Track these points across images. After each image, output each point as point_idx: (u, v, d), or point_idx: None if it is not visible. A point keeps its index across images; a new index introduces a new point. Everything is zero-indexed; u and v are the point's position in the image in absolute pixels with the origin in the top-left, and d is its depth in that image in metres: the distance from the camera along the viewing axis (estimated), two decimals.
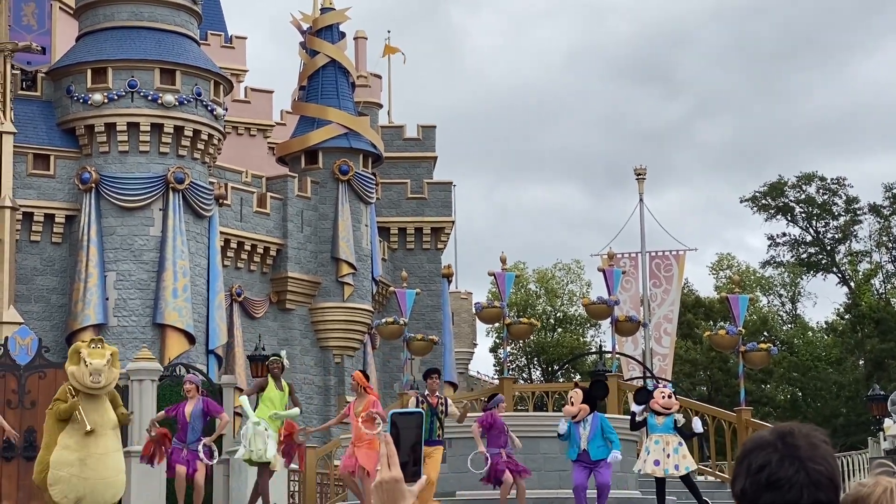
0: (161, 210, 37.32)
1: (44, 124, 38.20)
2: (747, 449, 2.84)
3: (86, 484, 12.38)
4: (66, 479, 12.34)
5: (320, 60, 44.33)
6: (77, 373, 12.49)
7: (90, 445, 12.49)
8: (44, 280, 37.47)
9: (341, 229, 42.70)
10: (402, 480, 2.82)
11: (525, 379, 69.00)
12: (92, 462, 12.49)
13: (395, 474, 2.80)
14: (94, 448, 12.53)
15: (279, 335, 42.02)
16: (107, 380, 12.65)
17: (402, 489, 2.80)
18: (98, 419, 12.64)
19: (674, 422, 17.44)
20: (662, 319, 38.94)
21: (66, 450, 12.45)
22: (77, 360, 12.61)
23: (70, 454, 12.43)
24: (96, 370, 12.47)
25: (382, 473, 2.81)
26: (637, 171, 39.99)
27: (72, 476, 12.35)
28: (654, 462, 17.47)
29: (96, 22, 38.63)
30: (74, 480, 12.33)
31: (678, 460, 17.27)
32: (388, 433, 2.89)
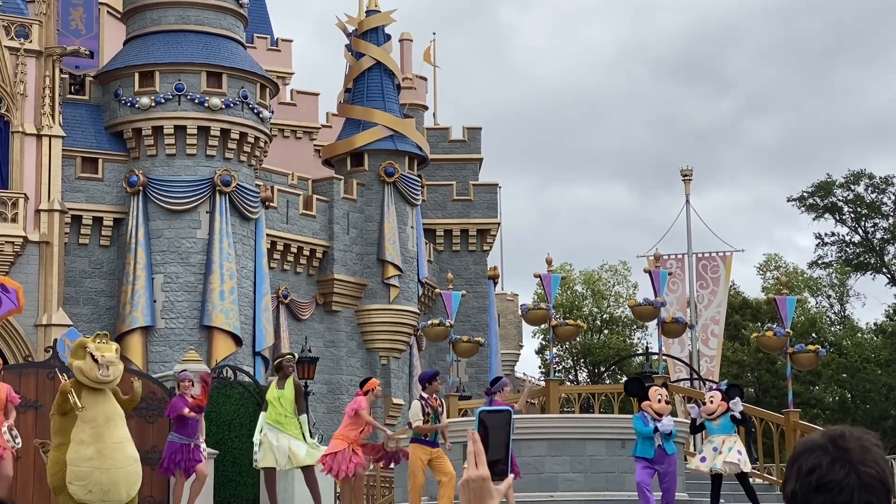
0: (208, 213, 37.53)
1: (92, 128, 38.52)
2: (798, 452, 2.82)
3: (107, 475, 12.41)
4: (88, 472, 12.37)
5: (366, 63, 44.44)
6: (84, 367, 12.49)
7: (105, 437, 12.52)
8: (92, 282, 37.77)
9: (387, 231, 42.77)
10: (490, 479, 2.81)
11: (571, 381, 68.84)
12: (109, 452, 12.53)
13: (483, 473, 2.79)
14: (109, 438, 12.56)
15: (325, 337, 42.14)
16: (114, 374, 12.66)
17: (489, 488, 2.79)
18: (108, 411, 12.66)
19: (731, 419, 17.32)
20: (709, 321, 38.70)
21: (82, 444, 12.47)
22: (83, 354, 12.60)
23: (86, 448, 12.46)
24: (109, 362, 12.49)
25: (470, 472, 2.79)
26: (683, 172, 39.77)
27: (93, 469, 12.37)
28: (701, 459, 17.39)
29: (144, 26, 38.91)
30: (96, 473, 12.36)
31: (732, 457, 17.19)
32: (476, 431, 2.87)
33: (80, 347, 12.72)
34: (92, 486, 12.39)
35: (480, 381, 46.82)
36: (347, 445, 17.30)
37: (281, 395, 17.26)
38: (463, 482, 2.80)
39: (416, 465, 16.56)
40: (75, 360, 12.67)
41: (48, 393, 22.75)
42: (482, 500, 2.77)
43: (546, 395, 25.53)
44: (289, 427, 17.24)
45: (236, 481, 22.95)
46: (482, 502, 2.77)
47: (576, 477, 19.50)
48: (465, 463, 2.85)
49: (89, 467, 12.37)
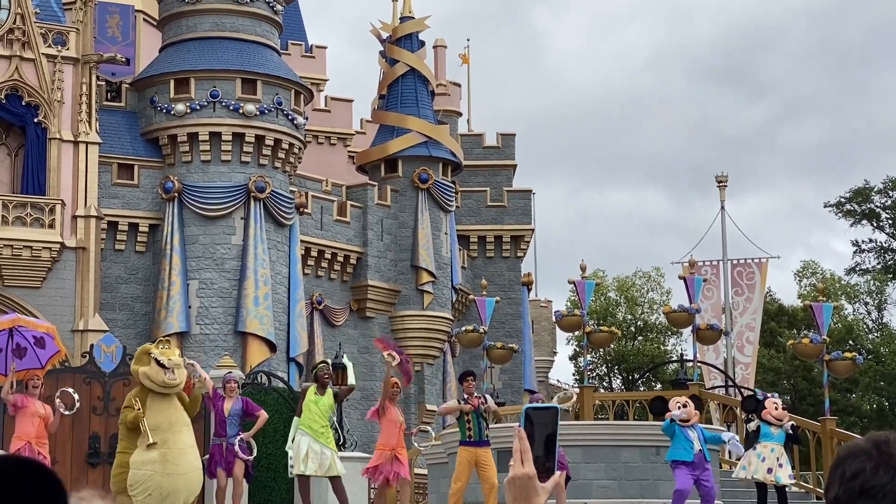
0: (242, 219, 37.67)
1: (128, 134, 38.75)
2: (841, 457, 2.79)
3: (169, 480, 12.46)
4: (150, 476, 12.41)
5: (400, 69, 44.51)
6: (151, 372, 12.53)
7: (169, 442, 12.57)
8: (128, 288, 37.97)
9: (421, 237, 42.80)
10: (536, 477, 2.79)
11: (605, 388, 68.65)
12: (173, 457, 12.57)
13: (529, 470, 2.78)
14: (174, 444, 12.61)
15: (359, 343, 42.19)
16: (180, 378, 12.73)
17: (535, 485, 2.77)
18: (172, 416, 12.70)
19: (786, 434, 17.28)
20: (745, 328, 38.52)
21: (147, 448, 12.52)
22: (147, 360, 12.65)
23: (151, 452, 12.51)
24: (175, 364, 12.55)
25: (516, 469, 2.78)
26: (718, 178, 39.61)
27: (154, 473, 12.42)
28: (767, 470, 17.27)
29: (179, 33, 39.12)
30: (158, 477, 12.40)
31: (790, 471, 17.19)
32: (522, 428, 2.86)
33: (145, 354, 12.77)
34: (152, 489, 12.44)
35: (514, 387, 46.78)
36: (390, 451, 17.30)
37: (319, 401, 17.25)
38: (508, 480, 2.79)
39: (461, 466, 16.47)
40: (140, 367, 12.71)
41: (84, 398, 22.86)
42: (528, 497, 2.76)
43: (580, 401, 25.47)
44: (323, 435, 17.23)
45: (270, 487, 22.98)
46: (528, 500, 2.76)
47: (610, 484, 19.44)
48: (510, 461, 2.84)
49: (151, 471, 12.42)
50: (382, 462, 17.11)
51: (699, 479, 15.96)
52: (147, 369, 12.61)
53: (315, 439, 17.18)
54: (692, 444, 15.91)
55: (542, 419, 2.89)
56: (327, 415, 17.34)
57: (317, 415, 17.19)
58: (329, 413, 17.38)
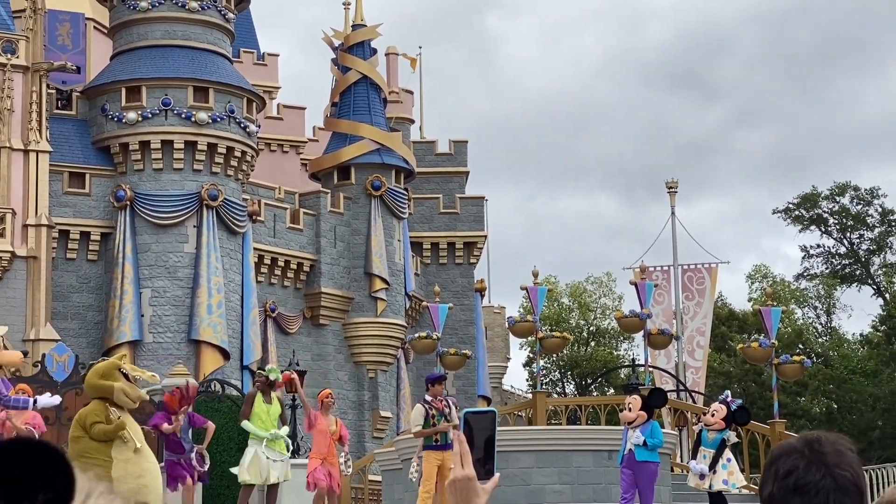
0: (195, 227, 37.58)
1: (79, 143, 38.56)
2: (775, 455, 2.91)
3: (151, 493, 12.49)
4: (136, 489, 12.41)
5: (352, 77, 44.55)
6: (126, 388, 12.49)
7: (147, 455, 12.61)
8: (80, 297, 37.77)
9: (374, 245, 42.85)
10: (476, 479, 2.88)
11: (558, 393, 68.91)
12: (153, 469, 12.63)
13: (469, 473, 2.86)
14: (150, 457, 12.66)
15: (313, 350, 42.17)
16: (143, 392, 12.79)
17: (475, 487, 2.86)
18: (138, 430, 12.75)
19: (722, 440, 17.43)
20: (695, 332, 38.85)
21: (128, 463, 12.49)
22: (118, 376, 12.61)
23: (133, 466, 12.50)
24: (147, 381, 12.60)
25: (456, 472, 2.86)
26: (669, 184, 39.93)
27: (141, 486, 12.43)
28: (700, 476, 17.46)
29: (130, 41, 38.99)
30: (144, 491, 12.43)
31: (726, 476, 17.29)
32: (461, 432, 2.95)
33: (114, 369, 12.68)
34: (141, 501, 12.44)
35: (468, 393, 46.86)
36: (321, 461, 17.50)
37: (269, 410, 17.38)
38: (449, 482, 2.88)
39: (429, 471, 16.55)
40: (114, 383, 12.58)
41: None
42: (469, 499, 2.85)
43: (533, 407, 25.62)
44: (274, 442, 17.37)
45: (224, 494, 22.99)
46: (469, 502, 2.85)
47: (563, 488, 19.58)
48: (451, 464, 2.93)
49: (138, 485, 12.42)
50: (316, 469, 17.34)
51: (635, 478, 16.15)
52: (123, 385, 12.57)
53: (266, 447, 17.31)
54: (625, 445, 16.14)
55: (481, 423, 2.98)
56: (276, 422, 17.48)
57: (267, 423, 17.35)
58: (278, 420, 17.53)
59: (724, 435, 17.44)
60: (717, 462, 17.31)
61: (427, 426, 16.56)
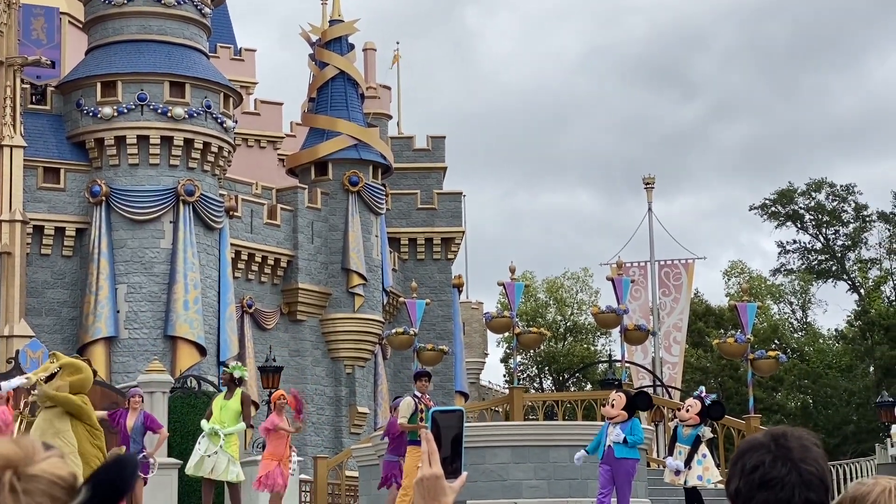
0: (171, 222, 37.46)
1: (54, 138, 38.38)
2: (741, 450, 2.93)
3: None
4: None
5: (329, 72, 44.48)
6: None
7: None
8: (55, 293, 37.62)
9: (351, 240, 42.81)
10: (443, 477, 2.89)
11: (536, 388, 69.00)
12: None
13: (436, 471, 2.88)
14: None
15: (290, 346, 42.11)
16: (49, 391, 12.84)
17: (442, 485, 2.88)
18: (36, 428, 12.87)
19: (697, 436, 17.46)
20: (672, 328, 38.97)
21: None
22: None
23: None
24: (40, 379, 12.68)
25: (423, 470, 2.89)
26: (646, 180, 40.03)
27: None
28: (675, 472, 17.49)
29: (105, 35, 38.83)
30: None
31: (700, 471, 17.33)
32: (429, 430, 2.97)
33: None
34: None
35: (445, 389, 46.89)
36: (277, 463, 17.54)
37: (225, 405, 17.44)
38: (417, 480, 2.89)
39: (413, 469, 16.56)
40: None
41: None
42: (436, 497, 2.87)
43: (511, 402, 25.65)
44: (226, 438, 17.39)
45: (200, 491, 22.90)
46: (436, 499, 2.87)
47: (539, 483, 19.62)
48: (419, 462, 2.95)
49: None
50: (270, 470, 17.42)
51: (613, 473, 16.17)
52: None
53: (213, 442, 17.34)
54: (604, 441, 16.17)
55: (448, 422, 3.00)
56: (233, 418, 17.45)
57: (220, 419, 17.39)
58: (235, 417, 17.49)
59: (699, 431, 17.48)
60: (692, 458, 17.35)
61: (414, 421, 16.61)
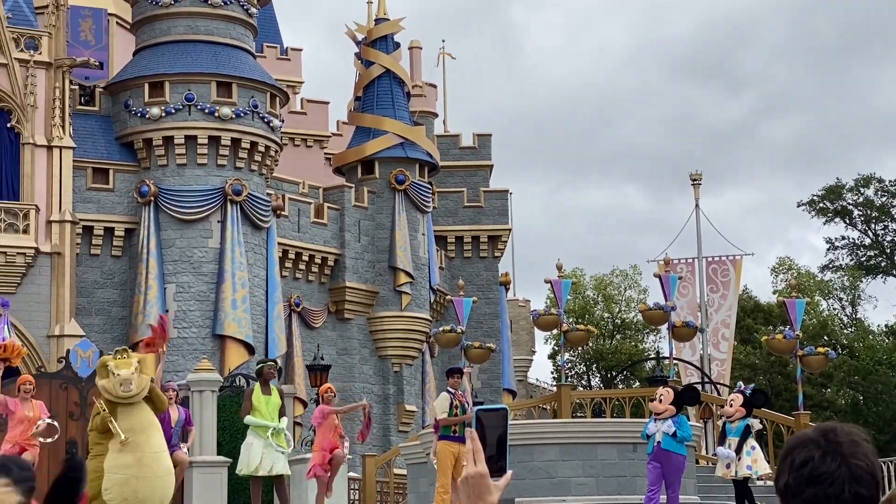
0: (219, 222, 37.66)
1: (102, 139, 38.67)
2: (791, 446, 2.91)
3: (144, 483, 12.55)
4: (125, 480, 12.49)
5: (375, 71, 44.56)
6: (108, 385, 12.72)
7: (143, 446, 12.68)
8: (104, 293, 37.91)
9: (398, 239, 42.87)
10: (488, 475, 2.91)
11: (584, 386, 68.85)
12: (147, 460, 12.68)
13: (481, 469, 2.90)
14: (148, 448, 12.73)
15: (338, 345, 42.23)
16: (138, 386, 12.85)
17: (487, 484, 2.89)
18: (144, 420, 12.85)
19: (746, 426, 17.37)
20: (720, 324, 38.75)
21: (121, 453, 12.62)
22: (105, 373, 12.85)
23: (125, 456, 12.60)
24: (125, 380, 12.70)
25: (468, 469, 2.90)
26: (693, 176, 39.82)
27: (130, 477, 12.50)
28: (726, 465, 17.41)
29: (153, 36, 39.08)
30: (133, 481, 12.48)
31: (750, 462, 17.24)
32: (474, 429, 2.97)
33: (103, 367, 12.96)
34: (128, 493, 12.51)
35: (493, 387, 46.89)
36: (326, 454, 17.60)
37: (268, 401, 17.46)
38: (462, 479, 2.90)
39: (444, 462, 16.56)
40: (100, 380, 12.90)
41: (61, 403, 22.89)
42: (481, 495, 2.87)
43: (558, 400, 25.61)
44: (275, 435, 17.43)
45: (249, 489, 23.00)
46: (481, 498, 2.87)
47: (587, 481, 19.57)
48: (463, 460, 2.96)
49: (126, 475, 12.51)
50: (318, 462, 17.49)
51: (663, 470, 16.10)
52: (105, 382, 12.79)
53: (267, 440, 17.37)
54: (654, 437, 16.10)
55: (492, 421, 3.01)
56: (277, 413, 17.51)
57: (270, 415, 17.41)
58: (279, 411, 17.55)
59: (746, 422, 17.39)
60: (741, 449, 17.27)
61: (451, 416, 16.63)
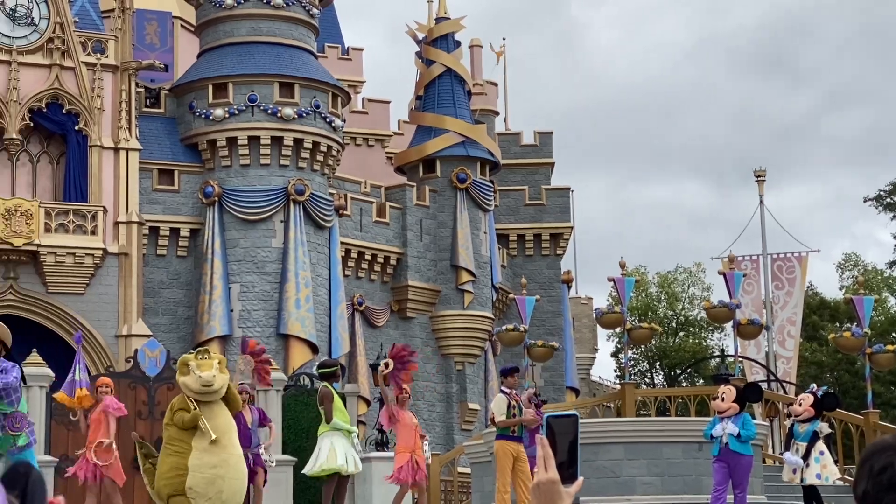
0: (282, 222, 37.87)
1: (167, 140, 39.03)
2: (869, 452, 2.87)
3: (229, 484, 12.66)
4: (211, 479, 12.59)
5: (436, 70, 44.61)
6: (189, 382, 12.80)
7: (228, 447, 12.77)
8: (170, 293, 38.24)
9: (460, 237, 42.89)
10: (559, 482, 2.90)
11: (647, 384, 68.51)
12: (233, 462, 12.78)
13: (552, 476, 2.89)
14: (233, 449, 12.83)
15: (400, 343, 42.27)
16: (219, 385, 12.92)
17: (559, 490, 2.88)
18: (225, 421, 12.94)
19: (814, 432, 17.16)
20: (786, 322, 38.39)
21: (206, 452, 12.70)
22: (186, 370, 12.93)
23: (211, 456, 12.69)
24: (206, 382, 12.77)
25: (540, 475, 2.89)
26: (757, 172, 39.47)
27: (216, 477, 12.60)
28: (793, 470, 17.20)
29: (216, 38, 39.37)
30: (219, 482, 12.59)
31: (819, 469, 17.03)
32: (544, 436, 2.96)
33: (184, 364, 13.05)
34: (213, 493, 12.61)
35: (556, 385, 46.78)
36: (410, 454, 17.56)
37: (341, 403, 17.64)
38: (534, 486, 2.89)
39: (503, 461, 16.54)
40: (181, 377, 12.99)
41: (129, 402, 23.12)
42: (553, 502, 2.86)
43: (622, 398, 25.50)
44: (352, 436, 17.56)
45: (315, 488, 23.12)
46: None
47: (653, 480, 19.47)
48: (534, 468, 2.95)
49: (213, 474, 12.61)
50: (403, 464, 17.43)
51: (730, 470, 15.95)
52: (186, 379, 12.88)
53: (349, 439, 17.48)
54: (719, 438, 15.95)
55: (563, 427, 3.01)
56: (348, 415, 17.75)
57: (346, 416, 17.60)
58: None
59: (815, 426, 17.17)
60: (809, 454, 17.04)
61: (509, 416, 16.59)
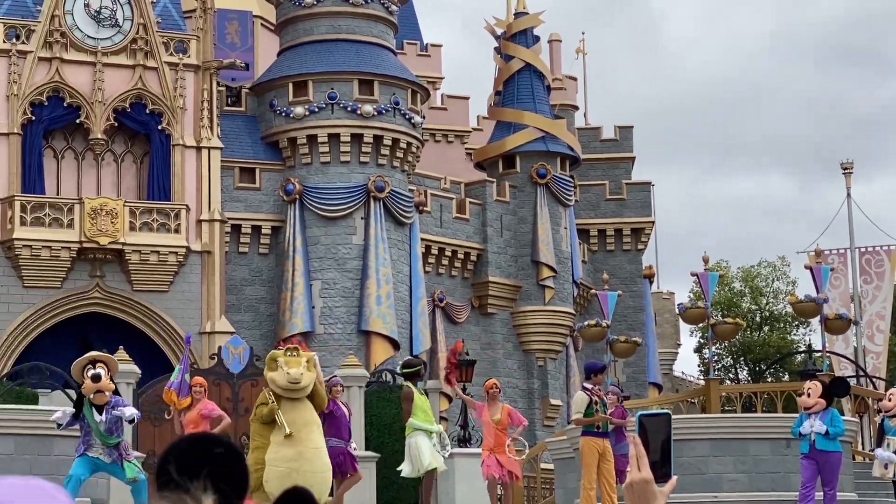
0: (363, 218, 37.97)
1: (249, 138, 39.29)
2: None
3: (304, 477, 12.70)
4: (286, 473, 12.66)
5: (515, 65, 44.47)
6: (276, 377, 12.90)
7: (305, 441, 12.83)
8: (253, 290, 38.50)
9: (541, 233, 42.72)
10: (653, 481, 2.86)
11: (731, 379, 67.83)
12: (310, 455, 12.83)
13: (646, 475, 2.85)
14: (309, 443, 12.89)
15: (482, 339, 42.25)
16: (305, 382, 12.98)
17: (652, 490, 2.84)
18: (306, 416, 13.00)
19: None
20: (875, 316, 37.79)
21: (282, 446, 12.79)
22: (275, 366, 13.02)
23: (287, 449, 12.77)
24: (294, 379, 12.83)
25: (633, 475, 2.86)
26: (844, 165, 38.87)
27: (291, 470, 12.67)
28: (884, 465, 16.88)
29: (296, 36, 39.56)
30: (294, 475, 12.65)
31: None
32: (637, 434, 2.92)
33: (272, 360, 13.16)
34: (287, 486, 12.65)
35: (638, 380, 46.45)
36: (489, 452, 17.52)
37: (424, 402, 17.65)
38: (627, 485, 2.86)
39: (588, 458, 16.42)
40: (268, 372, 13.10)
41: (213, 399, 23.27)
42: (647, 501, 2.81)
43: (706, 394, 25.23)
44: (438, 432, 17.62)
45: (398, 484, 23.13)
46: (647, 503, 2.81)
47: (739, 477, 19.23)
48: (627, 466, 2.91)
49: (287, 468, 12.70)
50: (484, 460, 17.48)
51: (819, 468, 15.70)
52: (274, 374, 12.97)
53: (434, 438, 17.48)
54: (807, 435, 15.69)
55: (656, 426, 2.99)
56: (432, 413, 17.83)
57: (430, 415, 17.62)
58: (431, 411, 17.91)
59: None
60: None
61: (590, 414, 16.47)
